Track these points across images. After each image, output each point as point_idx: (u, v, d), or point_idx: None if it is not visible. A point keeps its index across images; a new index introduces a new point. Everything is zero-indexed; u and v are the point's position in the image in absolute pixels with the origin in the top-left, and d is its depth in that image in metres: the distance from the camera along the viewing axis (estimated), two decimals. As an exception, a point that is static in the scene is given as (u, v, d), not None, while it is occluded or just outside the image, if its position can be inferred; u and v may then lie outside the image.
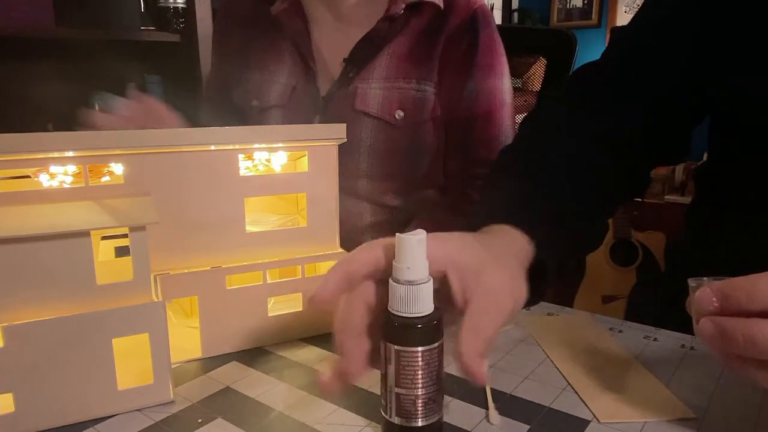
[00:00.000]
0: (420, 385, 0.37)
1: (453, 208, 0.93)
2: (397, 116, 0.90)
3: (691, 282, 0.38)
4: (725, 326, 0.35)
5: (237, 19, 1.04)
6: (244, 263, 0.52)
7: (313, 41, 0.95)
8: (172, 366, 0.45)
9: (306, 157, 0.54)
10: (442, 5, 0.91)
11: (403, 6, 0.90)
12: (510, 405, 0.44)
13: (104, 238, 0.54)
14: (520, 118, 1.31)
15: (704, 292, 0.36)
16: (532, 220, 0.49)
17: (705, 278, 0.38)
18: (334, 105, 0.92)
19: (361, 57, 0.92)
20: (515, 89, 1.25)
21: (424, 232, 0.37)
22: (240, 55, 1.02)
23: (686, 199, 2.61)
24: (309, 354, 0.52)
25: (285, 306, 0.55)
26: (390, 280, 0.38)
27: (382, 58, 0.92)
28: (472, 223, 0.49)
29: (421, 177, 0.94)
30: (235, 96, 1.01)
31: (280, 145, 0.53)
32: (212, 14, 1.82)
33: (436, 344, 0.37)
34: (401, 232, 0.37)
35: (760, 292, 0.34)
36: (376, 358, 0.39)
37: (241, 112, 0.99)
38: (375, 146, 0.91)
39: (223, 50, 1.06)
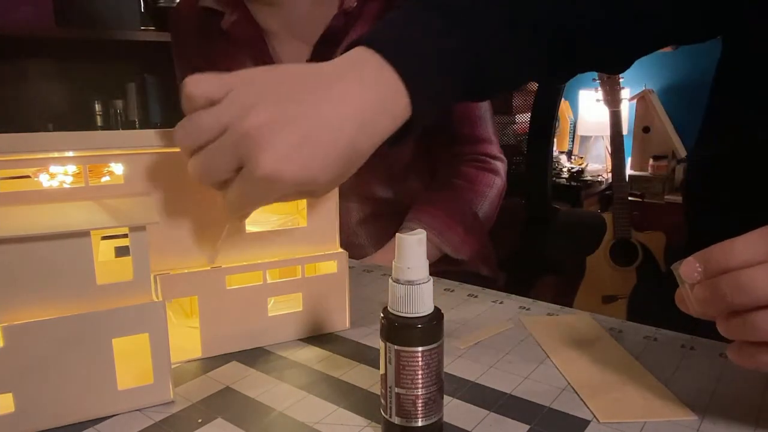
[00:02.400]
0: (420, 385, 0.37)
1: (445, 185, 0.93)
2: None
3: (674, 266, 0.40)
4: (712, 284, 0.37)
5: (190, 35, 1.01)
6: (244, 263, 0.52)
7: (272, 49, 0.94)
8: (172, 366, 0.45)
9: (306, 157, 0.54)
10: None
11: None
12: (510, 405, 0.44)
13: (104, 238, 0.54)
14: (520, 117, 1.31)
15: (687, 262, 0.38)
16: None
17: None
18: None
19: (323, 57, 0.91)
20: (514, 89, 1.24)
21: (424, 232, 0.37)
22: (201, 69, 1.01)
23: (686, 199, 2.61)
24: (309, 354, 0.52)
25: (285, 306, 0.55)
26: (390, 280, 0.38)
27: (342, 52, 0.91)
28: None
29: (401, 165, 0.94)
30: None
31: (280, 145, 0.53)
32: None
33: (436, 344, 0.37)
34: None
35: (736, 248, 0.36)
36: None
37: None
38: None
39: (183, 64, 1.04)
